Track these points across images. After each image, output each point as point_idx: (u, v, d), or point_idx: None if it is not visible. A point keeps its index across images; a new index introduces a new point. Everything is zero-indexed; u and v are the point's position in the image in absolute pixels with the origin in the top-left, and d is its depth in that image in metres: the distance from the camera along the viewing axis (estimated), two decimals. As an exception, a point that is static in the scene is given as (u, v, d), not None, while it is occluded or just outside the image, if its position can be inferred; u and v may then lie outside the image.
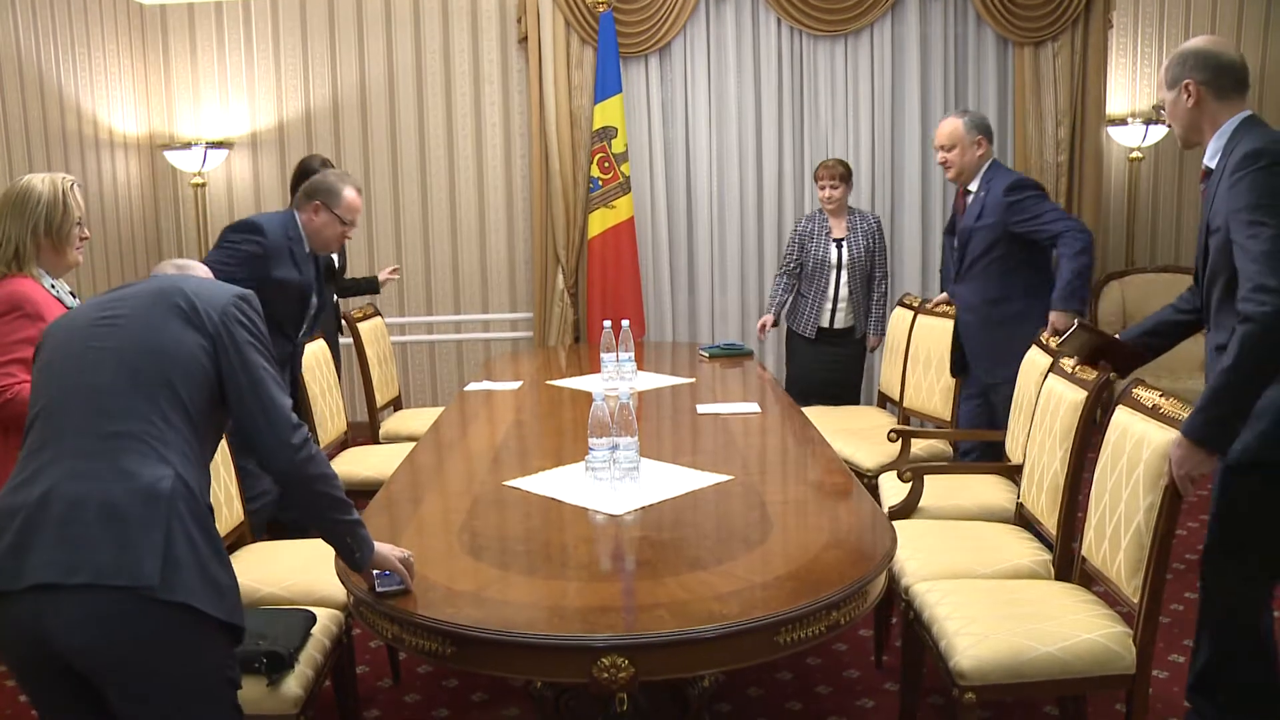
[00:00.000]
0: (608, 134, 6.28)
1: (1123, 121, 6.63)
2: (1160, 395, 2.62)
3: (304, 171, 4.72)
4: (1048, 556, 2.99)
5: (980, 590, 2.79)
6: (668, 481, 2.90)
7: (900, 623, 3.05)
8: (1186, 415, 2.47)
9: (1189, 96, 2.71)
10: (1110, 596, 2.69)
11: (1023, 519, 3.29)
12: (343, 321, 5.10)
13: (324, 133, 6.65)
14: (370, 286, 5.39)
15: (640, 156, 6.55)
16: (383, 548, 2.22)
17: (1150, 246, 7.07)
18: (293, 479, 2.10)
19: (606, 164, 6.31)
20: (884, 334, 5.32)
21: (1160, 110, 2.91)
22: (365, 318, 5.09)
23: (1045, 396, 3.21)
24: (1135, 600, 2.50)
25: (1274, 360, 2.49)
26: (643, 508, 2.70)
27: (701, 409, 3.87)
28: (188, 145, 6.31)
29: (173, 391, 1.98)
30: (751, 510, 2.77)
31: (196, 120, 6.63)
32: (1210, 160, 2.73)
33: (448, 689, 3.48)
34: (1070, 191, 6.46)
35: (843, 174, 5.29)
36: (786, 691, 3.41)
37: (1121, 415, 2.75)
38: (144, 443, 1.93)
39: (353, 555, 2.20)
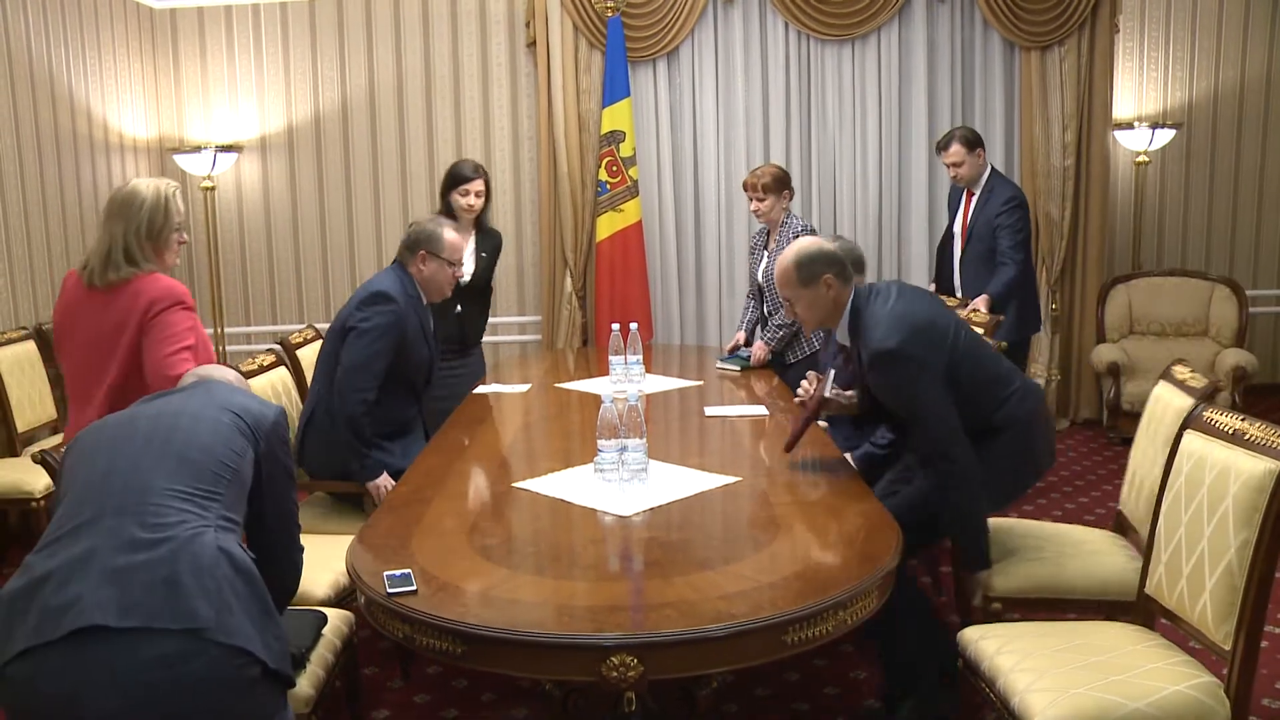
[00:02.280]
0: (616, 138, 6.31)
1: (1129, 125, 6.64)
2: (1240, 419, 2.42)
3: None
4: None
5: (1041, 635, 2.58)
6: (676, 483, 2.92)
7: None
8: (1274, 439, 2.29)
9: (829, 288, 3.03)
10: (1176, 636, 2.56)
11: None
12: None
13: (333, 136, 6.68)
14: None
15: (648, 160, 6.57)
16: None
17: (1156, 250, 7.08)
18: (288, 591, 2.40)
19: (614, 168, 6.33)
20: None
21: (794, 309, 3.15)
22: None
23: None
24: (1226, 648, 2.30)
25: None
26: (651, 509, 2.72)
27: (709, 411, 3.89)
28: (197, 149, 6.34)
29: (217, 482, 2.07)
30: (759, 511, 2.79)
31: (206, 124, 6.66)
32: (843, 337, 3.12)
33: (457, 689, 3.50)
34: (1077, 195, 6.47)
35: (767, 184, 4.73)
36: (794, 692, 3.42)
37: (1194, 441, 2.52)
38: (184, 513, 1.98)
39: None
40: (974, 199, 5.28)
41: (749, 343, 5.02)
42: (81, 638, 1.79)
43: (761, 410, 3.88)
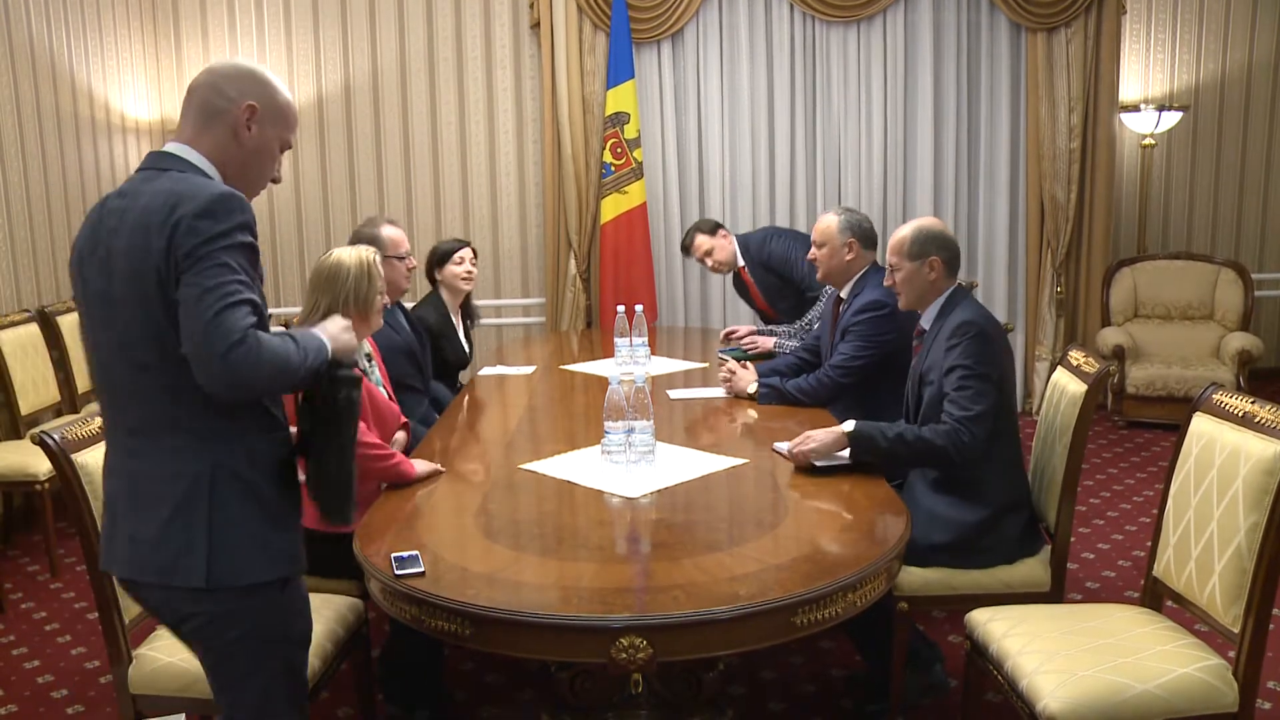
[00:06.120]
0: (620, 119, 6.28)
1: (1135, 108, 6.61)
2: (1250, 401, 2.39)
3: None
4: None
5: (1050, 618, 2.57)
6: (683, 465, 2.92)
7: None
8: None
9: (932, 270, 3.10)
10: (1184, 619, 2.54)
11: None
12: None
13: (336, 118, 6.65)
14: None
15: (653, 142, 6.54)
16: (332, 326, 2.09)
17: (1162, 233, 7.06)
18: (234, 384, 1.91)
19: (619, 149, 6.31)
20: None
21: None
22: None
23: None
24: (1235, 630, 2.30)
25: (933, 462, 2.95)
26: (658, 490, 2.72)
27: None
28: (200, 130, 6.30)
29: (179, 367, 1.87)
30: (766, 493, 2.79)
31: (209, 105, 6.62)
32: (926, 322, 3.16)
33: (463, 672, 3.51)
34: (1082, 178, 6.45)
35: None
36: (800, 675, 3.42)
37: (1204, 424, 2.50)
38: (177, 434, 1.94)
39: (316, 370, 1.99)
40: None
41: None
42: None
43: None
